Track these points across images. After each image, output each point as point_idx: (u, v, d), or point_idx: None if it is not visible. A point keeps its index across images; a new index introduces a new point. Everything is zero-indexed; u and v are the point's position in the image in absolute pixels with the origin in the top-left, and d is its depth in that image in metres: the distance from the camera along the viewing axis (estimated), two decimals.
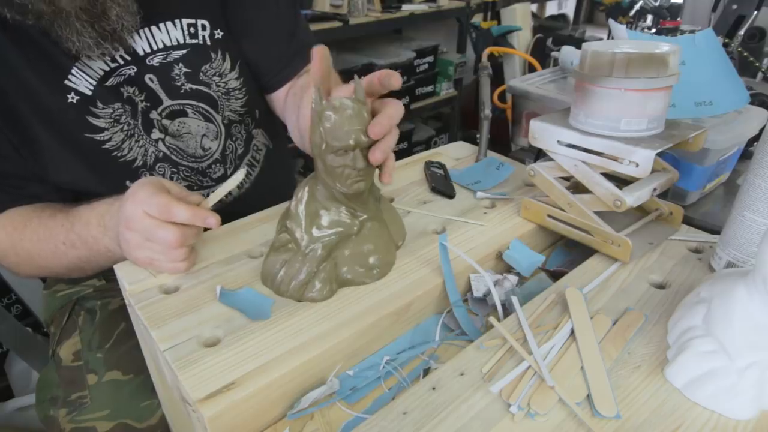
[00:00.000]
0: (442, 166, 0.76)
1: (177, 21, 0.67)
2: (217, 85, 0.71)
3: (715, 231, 0.59)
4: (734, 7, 1.13)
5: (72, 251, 0.60)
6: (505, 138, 1.06)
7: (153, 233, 0.50)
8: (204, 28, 0.69)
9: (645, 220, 0.62)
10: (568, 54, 0.97)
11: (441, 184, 0.71)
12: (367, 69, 1.96)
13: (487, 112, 0.78)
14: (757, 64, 1.12)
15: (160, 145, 0.69)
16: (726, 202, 0.79)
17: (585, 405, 0.41)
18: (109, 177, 0.66)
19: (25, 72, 0.60)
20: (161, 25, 0.66)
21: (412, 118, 2.32)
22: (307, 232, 0.52)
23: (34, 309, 1.29)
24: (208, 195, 0.56)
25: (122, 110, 0.65)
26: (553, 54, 1.11)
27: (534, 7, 3.05)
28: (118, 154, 0.66)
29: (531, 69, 1.10)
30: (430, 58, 2.20)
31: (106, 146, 0.65)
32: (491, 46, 2.17)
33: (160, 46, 0.66)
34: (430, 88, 2.28)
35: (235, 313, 0.49)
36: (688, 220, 0.64)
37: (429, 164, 0.76)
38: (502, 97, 1.20)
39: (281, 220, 0.55)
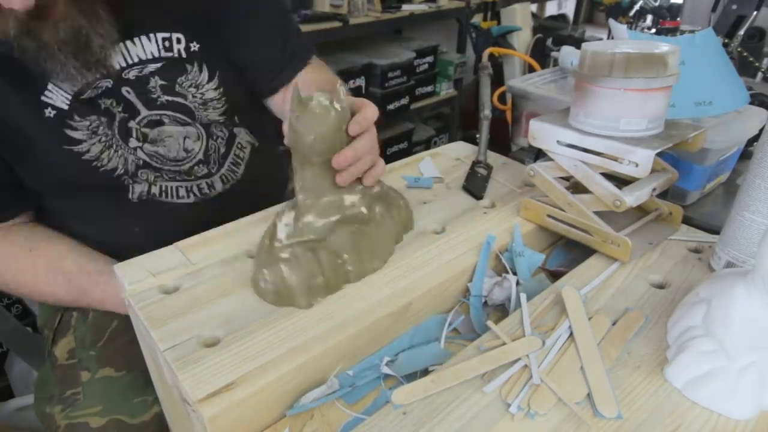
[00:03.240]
0: (489, 167, 0.75)
1: (152, 35, 0.67)
2: (194, 96, 0.71)
3: (715, 231, 0.59)
4: (734, 7, 1.13)
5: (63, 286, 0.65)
6: (504, 138, 1.06)
7: None
8: (179, 41, 0.69)
9: (645, 220, 0.62)
10: (567, 54, 0.97)
11: (473, 183, 0.71)
12: (367, 69, 1.96)
13: (487, 112, 0.78)
14: (756, 64, 1.12)
15: (139, 153, 0.69)
16: (726, 202, 0.79)
17: (585, 405, 0.41)
18: (94, 184, 0.68)
19: (3, 85, 0.61)
20: (136, 39, 0.67)
21: (412, 118, 2.32)
22: (295, 235, 0.52)
23: (34, 309, 1.28)
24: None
25: (98, 122, 0.66)
26: (553, 54, 1.11)
27: (534, 7, 3.06)
28: (98, 164, 0.67)
29: (531, 69, 1.10)
30: (430, 58, 2.20)
31: (85, 157, 0.65)
32: (491, 47, 2.18)
33: (136, 60, 0.67)
34: (430, 88, 2.28)
35: (235, 313, 0.49)
36: (687, 220, 0.64)
37: (475, 163, 0.75)
38: (502, 99, 1.20)
39: (271, 223, 0.55)
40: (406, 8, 2.04)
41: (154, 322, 0.47)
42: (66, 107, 0.63)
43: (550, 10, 3.89)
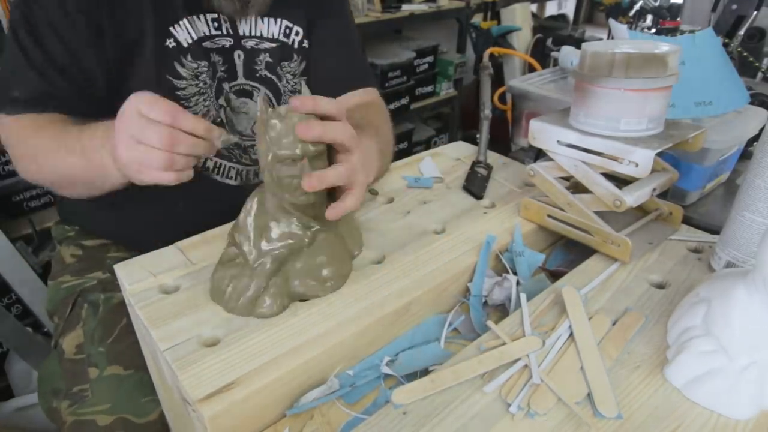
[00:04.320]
0: (489, 167, 0.76)
1: (279, 19, 0.77)
2: (287, 81, 0.80)
3: (715, 231, 0.59)
4: (734, 7, 1.13)
5: (69, 157, 0.60)
6: (505, 138, 1.06)
7: (143, 131, 0.48)
8: (297, 33, 0.79)
9: (645, 220, 0.62)
10: (567, 54, 0.97)
11: (474, 183, 0.71)
12: None
13: (487, 112, 0.78)
14: (756, 64, 1.12)
15: (222, 113, 0.76)
16: (726, 202, 0.79)
17: (585, 405, 0.41)
18: None
19: (142, 5, 0.66)
20: (265, 18, 0.76)
21: (412, 118, 2.32)
22: (255, 245, 0.50)
23: (34, 309, 1.29)
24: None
25: (205, 69, 0.73)
26: (553, 54, 1.11)
27: (534, 7, 3.06)
28: (186, 104, 0.72)
29: (531, 69, 1.10)
30: (430, 58, 2.20)
31: (179, 93, 0.71)
32: (491, 47, 2.18)
33: (258, 34, 0.76)
34: (430, 88, 2.28)
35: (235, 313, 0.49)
36: (687, 220, 0.64)
37: (475, 163, 0.76)
38: (502, 99, 1.20)
39: (230, 233, 0.53)
40: (406, 8, 2.04)
41: (154, 322, 0.47)
42: (186, 45, 0.70)
43: (550, 10, 3.89)
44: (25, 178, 0.70)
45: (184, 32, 0.70)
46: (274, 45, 0.78)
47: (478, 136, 0.79)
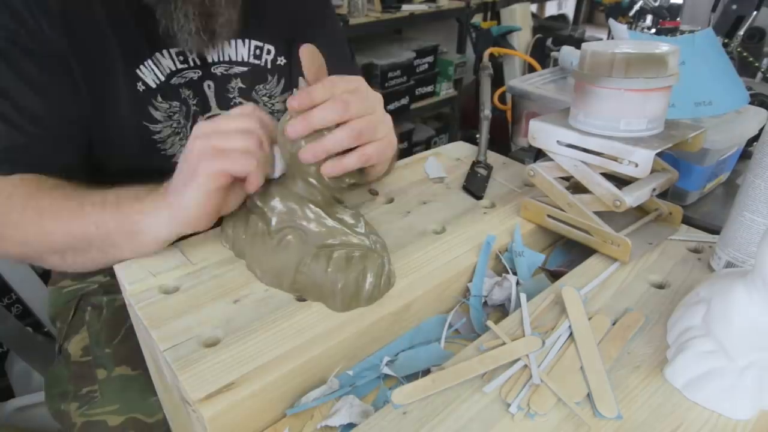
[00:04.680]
0: (489, 167, 0.76)
1: (247, 40, 0.73)
2: (265, 104, 0.77)
3: (715, 231, 0.59)
4: (734, 7, 1.13)
5: (96, 213, 0.53)
6: (504, 138, 1.06)
7: (226, 125, 0.50)
8: (269, 52, 0.75)
9: (644, 220, 0.62)
10: (567, 54, 0.97)
11: (474, 183, 0.71)
12: (367, 69, 1.96)
13: (487, 112, 0.78)
14: (756, 64, 1.12)
15: None
16: (725, 202, 0.79)
17: (585, 405, 0.41)
18: (146, 164, 0.67)
19: (112, 45, 0.63)
20: (233, 41, 0.72)
21: (412, 118, 2.32)
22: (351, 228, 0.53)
23: (35, 309, 1.29)
24: None
25: (177, 108, 0.70)
26: (553, 54, 1.11)
27: (534, 7, 3.05)
28: (161, 147, 0.70)
29: (531, 69, 1.10)
30: (430, 58, 2.21)
31: (155, 137, 0.69)
32: (491, 46, 2.18)
33: (226, 59, 0.72)
34: (430, 88, 2.28)
35: (235, 313, 0.49)
36: (687, 220, 0.64)
37: (475, 163, 0.76)
38: (502, 99, 1.20)
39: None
40: (406, 8, 2.04)
41: (154, 322, 0.47)
42: (154, 86, 0.67)
43: (550, 10, 3.89)
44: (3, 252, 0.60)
45: (150, 73, 0.66)
46: (244, 69, 0.74)
47: (477, 136, 0.79)
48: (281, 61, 0.76)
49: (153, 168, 0.64)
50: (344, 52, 0.86)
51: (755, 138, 0.78)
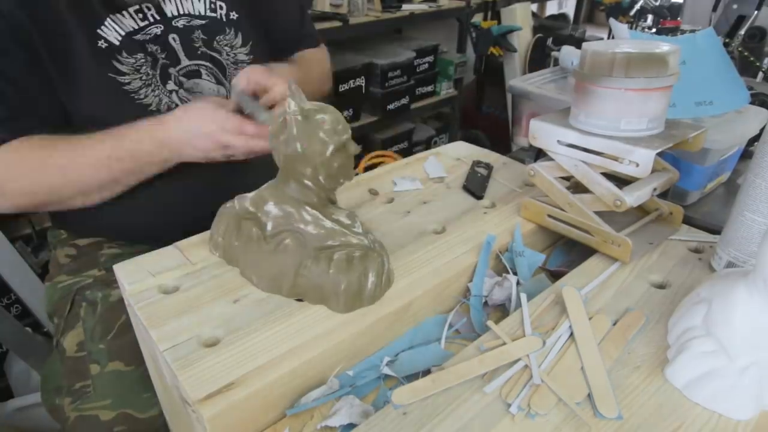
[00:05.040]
0: (489, 167, 0.76)
1: None
2: (227, 54, 0.82)
3: (716, 231, 0.59)
4: (735, 6, 1.13)
5: (117, 164, 0.67)
6: (505, 138, 1.06)
7: (229, 140, 0.64)
8: (221, 8, 0.81)
9: (645, 220, 0.62)
10: (568, 54, 0.97)
11: (474, 183, 0.71)
12: (367, 69, 1.96)
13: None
14: (757, 64, 1.12)
15: (173, 97, 0.77)
16: (726, 202, 0.78)
17: (585, 405, 0.40)
18: (128, 114, 0.71)
19: (63, 12, 0.67)
20: None
21: (412, 118, 2.32)
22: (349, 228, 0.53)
23: (34, 309, 1.28)
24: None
25: (143, 61, 0.73)
26: (553, 54, 1.11)
27: (534, 7, 3.05)
28: (136, 97, 0.73)
29: (531, 69, 1.10)
30: (430, 58, 2.20)
31: (126, 88, 0.72)
32: (491, 46, 2.18)
33: (185, 12, 0.78)
34: (430, 88, 2.28)
35: (235, 313, 0.49)
36: (688, 220, 0.64)
37: (476, 163, 0.76)
38: (502, 99, 1.20)
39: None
40: (406, 8, 2.04)
41: (154, 322, 0.47)
42: (117, 43, 0.71)
43: (551, 9, 3.89)
44: (20, 207, 0.70)
45: (111, 31, 0.71)
46: (204, 21, 0.79)
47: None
48: (233, 15, 0.82)
49: (131, 116, 0.71)
50: (302, 7, 0.95)
51: (756, 138, 0.78)
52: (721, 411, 0.40)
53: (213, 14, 0.80)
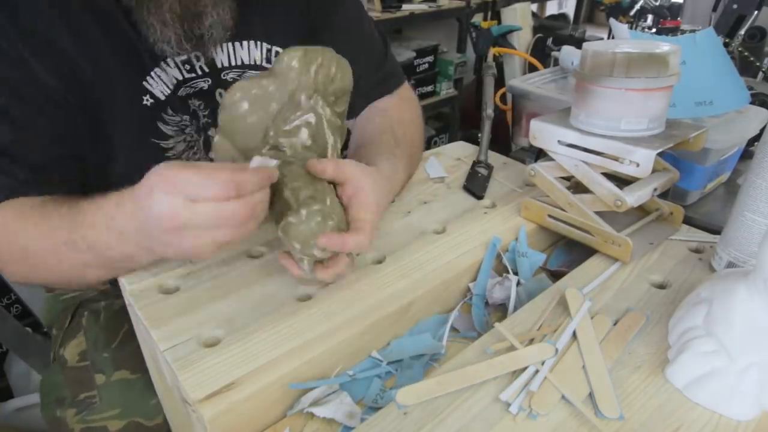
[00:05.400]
0: (489, 167, 0.75)
1: (259, 42, 0.67)
2: None
3: (716, 231, 0.59)
4: (735, 6, 1.13)
5: (73, 254, 0.51)
6: (505, 138, 1.06)
7: (219, 217, 0.41)
8: None
9: (645, 220, 0.62)
10: (568, 54, 0.97)
11: (474, 183, 0.71)
12: None
13: (489, 111, 0.78)
14: (757, 64, 1.12)
15: None
16: (726, 202, 0.78)
17: (586, 405, 0.40)
18: None
19: (108, 61, 0.58)
20: (244, 42, 0.66)
21: None
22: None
23: (34, 309, 1.28)
24: None
25: (189, 122, 0.65)
26: (554, 54, 1.11)
27: (534, 7, 3.05)
28: None
29: (531, 69, 1.10)
30: (430, 58, 2.20)
31: (168, 154, 0.64)
32: (491, 46, 2.17)
33: (239, 63, 0.66)
34: (430, 88, 2.28)
35: (235, 313, 0.49)
36: (688, 220, 0.63)
37: (476, 163, 0.76)
38: (503, 100, 1.20)
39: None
40: (406, 8, 2.04)
41: (154, 322, 0.47)
42: (163, 98, 0.62)
43: (551, 9, 3.89)
44: (15, 281, 0.60)
45: (159, 84, 0.61)
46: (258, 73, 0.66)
47: (479, 135, 0.78)
48: None
49: None
50: (375, 43, 0.78)
51: (756, 138, 0.78)
52: (722, 411, 0.40)
53: (270, 65, 0.67)
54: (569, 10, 4.07)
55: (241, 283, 0.53)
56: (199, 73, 0.64)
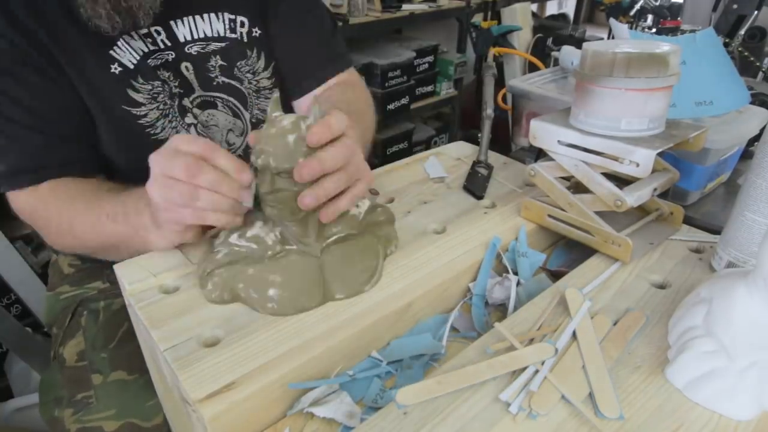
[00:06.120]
0: (489, 167, 0.75)
1: (220, 14, 0.68)
2: (249, 82, 0.73)
3: (716, 231, 0.59)
4: (735, 6, 1.13)
5: (111, 225, 0.56)
6: (505, 138, 1.06)
7: (171, 162, 0.45)
8: (243, 24, 0.70)
9: (645, 220, 0.62)
10: (568, 54, 0.97)
11: (474, 183, 0.71)
12: (367, 69, 1.96)
13: (489, 111, 0.78)
14: (757, 64, 1.12)
15: (192, 131, 0.70)
16: (726, 202, 0.78)
17: (586, 405, 0.40)
18: (139, 154, 0.63)
19: (73, 35, 0.60)
20: (205, 15, 0.67)
21: (412, 118, 2.32)
22: (226, 234, 0.52)
23: (34, 309, 1.29)
24: None
25: (161, 89, 0.66)
26: (554, 54, 1.11)
27: (534, 7, 3.05)
28: (151, 131, 0.67)
29: (531, 69, 1.10)
30: (430, 58, 2.20)
31: (141, 121, 0.66)
32: (491, 46, 2.17)
33: (201, 35, 0.68)
34: (430, 88, 2.28)
35: (235, 313, 0.49)
36: (688, 220, 0.63)
37: (476, 163, 0.75)
38: (504, 100, 1.20)
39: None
40: (406, 8, 2.04)
41: (154, 322, 0.47)
42: (132, 66, 0.63)
43: (551, 9, 3.89)
44: (59, 249, 0.66)
45: (126, 53, 0.63)
46: (222, 44, 0.69)
47: (479, 135, 0.78)
48: (256, 32, 0.72)
49: (145, 155, 0.61)
50: (324, 24, 0.79)
51: (756, 138, 0.78)
52: (722, 411, 0.40)
53: (233, 35, 0.70)
54: (569, 10, 4.07)
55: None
56: (161, 46, 0.66)
